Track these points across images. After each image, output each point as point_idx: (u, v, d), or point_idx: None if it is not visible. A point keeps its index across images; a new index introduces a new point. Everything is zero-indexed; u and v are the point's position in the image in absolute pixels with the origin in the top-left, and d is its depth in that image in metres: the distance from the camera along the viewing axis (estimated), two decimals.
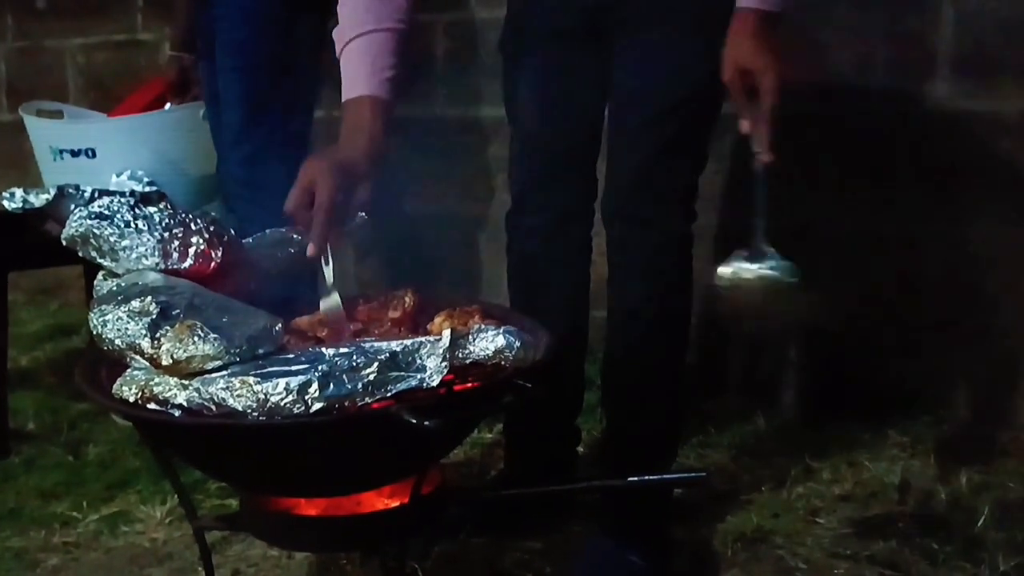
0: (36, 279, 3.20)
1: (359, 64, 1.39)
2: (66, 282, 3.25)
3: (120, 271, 1.26)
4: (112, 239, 1.25)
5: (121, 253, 1.25)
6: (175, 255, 1.25)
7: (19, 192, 2.15)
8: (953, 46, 2.23)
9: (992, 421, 2.25)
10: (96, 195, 2.13)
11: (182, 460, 1.29)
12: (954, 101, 2.24)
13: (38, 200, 2.14)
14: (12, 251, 2.18)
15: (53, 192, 2.14)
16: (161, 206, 1.30)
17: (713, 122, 1.63)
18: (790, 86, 1.39)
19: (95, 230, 1.26)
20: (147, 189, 2.24)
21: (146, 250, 1.24)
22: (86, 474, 2.09)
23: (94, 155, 2.30)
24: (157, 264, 1.24)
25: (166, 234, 1.25)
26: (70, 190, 2.13)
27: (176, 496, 1.35)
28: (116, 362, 1.16)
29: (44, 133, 2.40)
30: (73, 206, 2.10)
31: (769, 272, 1.46)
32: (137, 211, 1.27)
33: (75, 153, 2.31)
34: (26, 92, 3.41)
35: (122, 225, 1.25)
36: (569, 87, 1.65)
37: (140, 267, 1.25)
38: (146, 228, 1.25)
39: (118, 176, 2.26)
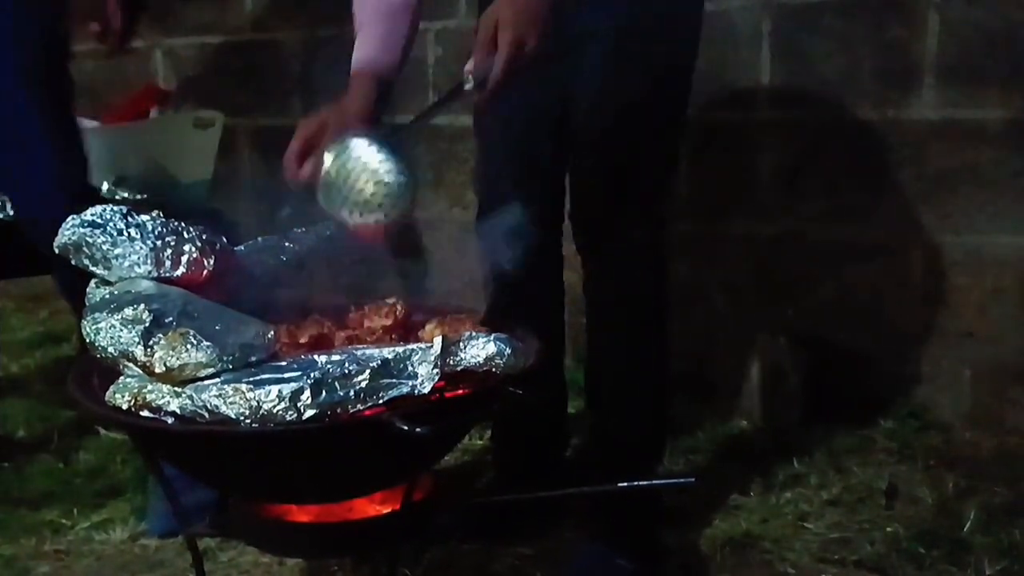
0: (26, 286, 3.19)
1: (373, 28, 1.47)
2: (55, 290, 3.24)
3: (113, 279, 1.26)
4: (105, 247, 1.25)
5: (114, 261, 1.25)
6: (167, 263, 1.26)
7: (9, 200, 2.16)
8: (938, 55, 2.25)
9: (978, 426, 2.27)
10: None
11: (174, 467, 1.29)
12: (939, 109, 2.26)
13: None
14: (1, 259, 2.17)
15: None
16: (154, 214, 1.31)
17: (677, 123, 1.63)
18: (530, 56, 1.28)
19: (88, 238, 1.26)
20: (137, 197, 2.24)
21: (139, 258, 1.25)
22: (76, 481, 2.09)
23: None
24: (149, 272, 1.25)
25: (159, 242, 1.26)
26: None
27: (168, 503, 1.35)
28: (109, 370, 1.16)
29: None
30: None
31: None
32: (130, 219, 1.28)
33: None
34: None
35: (115, 233, 1.26)
36: (530, 96, 1.62)
37: (133, 275, 1.25)
38: (139, 236, 1.26)
39: (108, 184, 2.27)
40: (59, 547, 1.84)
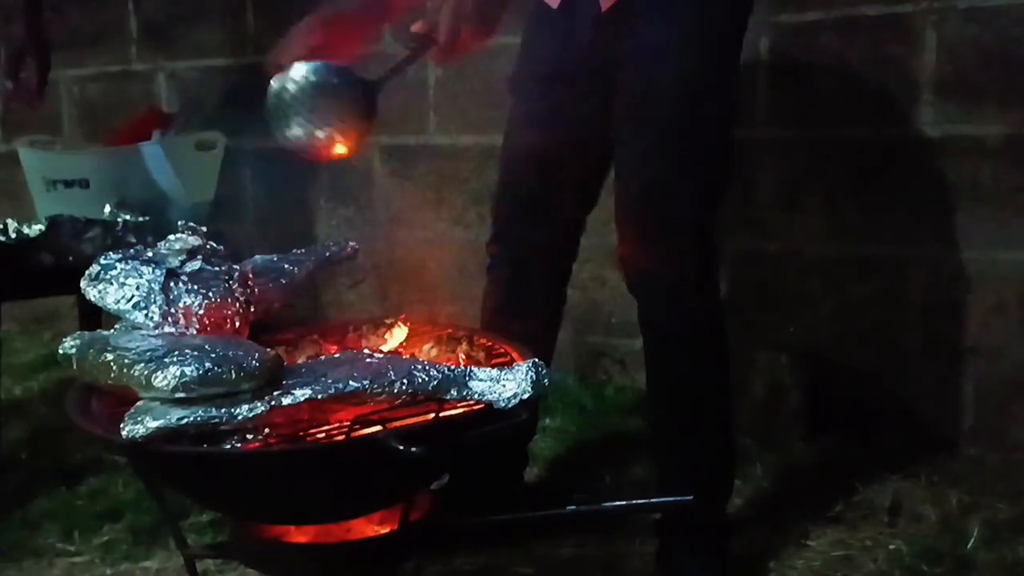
0: (29, 309, 3.20)
1: None
2: (59, 312, 3.25)
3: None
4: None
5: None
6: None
7: (12, 223, 2.17)
8: (935, 72, 2.25)
9: (981, 442, 2.26)
10: (89, 225, 2.15)
11: (172, 489, 1.29)
12: (937, 126, 2.27)
13: (31, 230, 2.16)
14: (5, 281, 2.18)
15: (46, 222, 2.16)
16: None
17: (723, 145, 1.61)
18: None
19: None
20: (139, 219, 2.25)
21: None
22: (78, 504, 2.09)
23: (87, 185, 2.32)
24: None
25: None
26: (63, 220, 2.16)
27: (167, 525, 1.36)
28: (107, 392, 1.17)
29: (38, 164, 2.41)
30: (66, 235, 2.13)
31: None
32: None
33: (68, 184, 2.33)
34: (19, 123, 3.43)
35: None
36: (564, 130, 1.66)
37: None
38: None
39: (111, 206, 2.28)
40: (61, 570, 1.84)
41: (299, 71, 1.36)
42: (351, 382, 1.10)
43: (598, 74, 1.61)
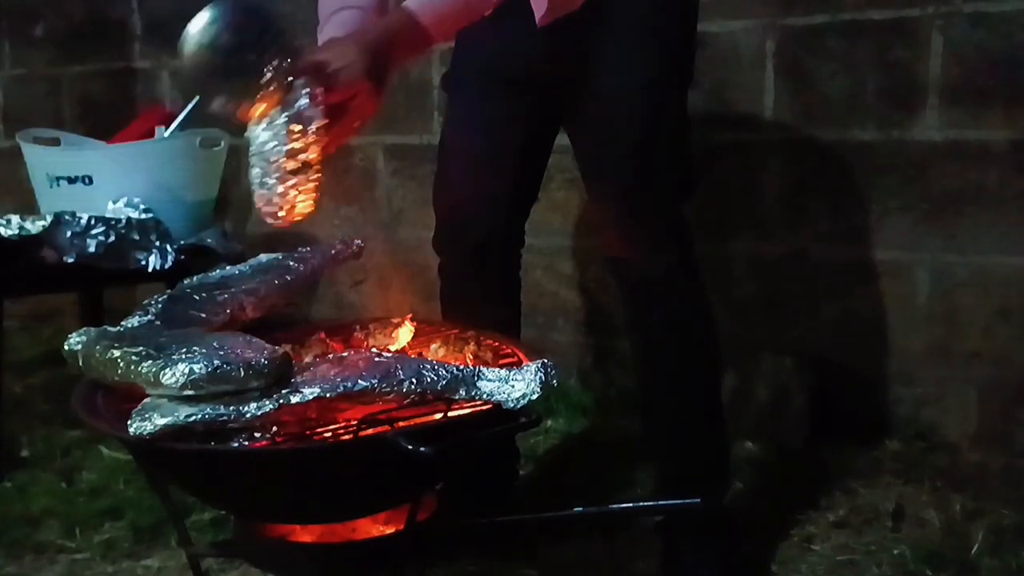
0: (31, 306, 3.20)
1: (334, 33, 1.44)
2: (60, 309, 3.25)
3: None
4: None
5: None
6: None
7: (15, 219, 2.17)
8: (941, 76, 2.25)
9: (985, 447, 2.25)
10: (92, 222, 2.15)
11: (177, 486, 1.29)
12: (943, 130, 2.26)
13: (34, 227, 2.16)
14: (7, 278, 2.18)
15: (49, 219, 2.15)
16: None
17: (686, 149, 1.65)
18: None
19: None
20: (143, 216, 2.25)
21: None
22: (79, 501, 2.09)
23: (91, 182, 2.31)
24: None
25: None
26: (66, 217, 2.15)
27: (171, 524, 1.35)
28: (112, 388, 1.16)
29: (41, 160, 2.41)
30: (69, 232, 2.13)
31: None
32: None
33: (72, 180, 2.32)
34: (22, 120, 3.42)
35: None
36: (500, 129, 1.67)
37: None
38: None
39: (114, 203, 2.28)
40: (62, 567, 1.83)
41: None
42: (360, 381, 1.10)
43: (535, 80, 1.62)
